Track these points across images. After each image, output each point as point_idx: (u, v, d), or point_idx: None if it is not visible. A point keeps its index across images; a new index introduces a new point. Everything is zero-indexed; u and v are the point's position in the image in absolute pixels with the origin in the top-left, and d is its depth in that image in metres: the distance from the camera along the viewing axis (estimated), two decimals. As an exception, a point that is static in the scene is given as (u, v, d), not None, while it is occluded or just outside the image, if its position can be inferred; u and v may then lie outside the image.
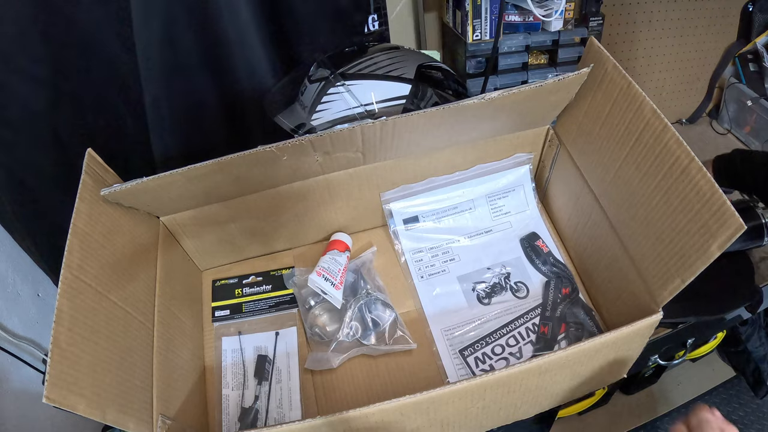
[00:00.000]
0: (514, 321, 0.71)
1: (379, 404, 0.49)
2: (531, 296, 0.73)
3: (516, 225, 0.80)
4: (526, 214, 0.80)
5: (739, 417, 1.30)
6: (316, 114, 0.69)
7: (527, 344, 0.69)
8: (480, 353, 0.69)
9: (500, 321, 0.71)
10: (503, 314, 0.72)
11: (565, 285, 0.72)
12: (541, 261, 0.75)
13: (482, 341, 0.70)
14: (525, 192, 0.80)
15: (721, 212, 0.45)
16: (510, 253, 0.77)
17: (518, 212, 0.80)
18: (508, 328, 0.71)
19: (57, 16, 0.64)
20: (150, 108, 0.74)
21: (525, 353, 0.68)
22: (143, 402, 0.53)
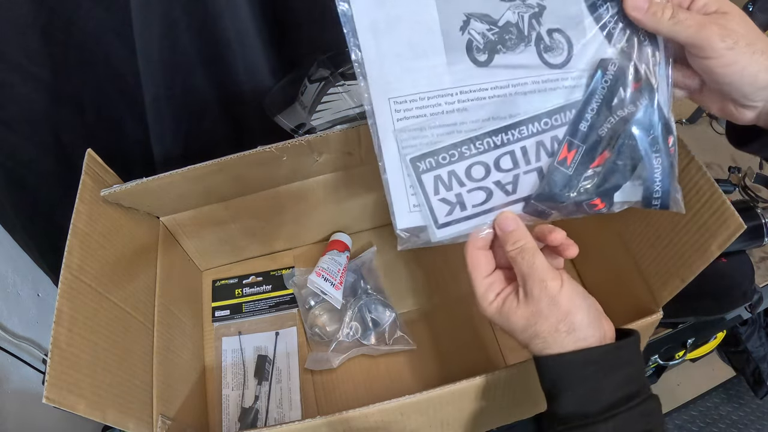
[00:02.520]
0: (522, 121, 0.39)
1: (379, 404, 0.49)
2: (572, 70, 0.38)
3: None
4: None
5: (739, 417, 1.30)
6: (316, 114, 0.69)
7: (529, 174, 0.40)
8: (445, 171, 0.40)
9: (497, 111, 0.39)
10: (508, 98, 0.39)
11: (635, 76, 0.38)
12: (611, 5, 0.38)
13: (454, 150, 0.40)
14: None
15: (721, 212, 0.45)
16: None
17: None
18: (509, 133, 0.39)
19: (57, 16, 0.64)
20: (150, 108, 0.73)
21: (521, 191, 0.41)
22: (143, 402, 0.53)
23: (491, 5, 0.38)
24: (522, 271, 0.39)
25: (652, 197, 0.40)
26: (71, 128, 0.75)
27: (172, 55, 0.70)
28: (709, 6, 0.36)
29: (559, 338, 0.38)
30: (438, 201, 0.41)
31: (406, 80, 0.39)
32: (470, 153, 0.40)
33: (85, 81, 0.72)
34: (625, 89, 0.38)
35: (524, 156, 0.40)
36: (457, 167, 0.40)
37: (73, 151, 0.73)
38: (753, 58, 0.34)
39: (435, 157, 0.40)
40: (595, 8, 0.37)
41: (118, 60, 0.70)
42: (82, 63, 0.70)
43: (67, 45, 0.67)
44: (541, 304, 0.39)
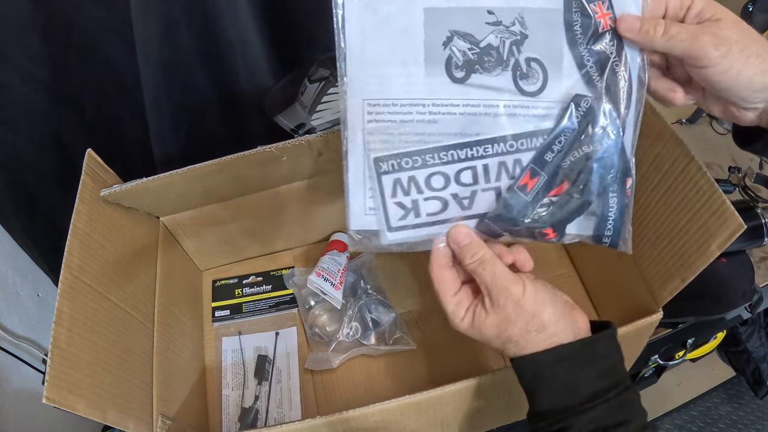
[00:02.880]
0: (490, 140, 0.40)
1: (379, 404, 0.49)
2: (543, 100, 0.40)
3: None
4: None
5: (739, 417, 1.30)
6: (316, 114, 0.69)
7: (487, 192, 0.41)
8: (405, 176, 0.41)
9: (465, 128, 0.40)
10: (478, 116, 0.40)
11: (605, 116, 0.39)
12: (589, 40, 0.39)
13: (418, 156, 0.40)
14: None
15: (721, 212, 0.45)
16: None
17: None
18: (474, 149, 0.40)
19: (57, 16, 0.64)
20: (150, 108, 0.73)
21: (477, 207, 0.41)
22: (143, 402, 0.53)
23: (476, 26, 0.39)
24: (484, 281, 0.40)
25: (603, 235, 0.42)
26: (71, 128, 0.75)
27: (172, 55, 0.70)
28: (704, 13, 0.36)
29: (530, 338, 0.39)
30: (394, 204, 0.41)
31: (383, 85, 0.40)
32: (433, 162, 0.40)
33: (85, 81, 0.72)
34: (594, 127, 0.39)
35: (485, 174, 0.40)
36: (418, 174, 0.41)
37: (73, 151, 0.73)
38: (748, 63, 0.35)
39: (398, 160, 0.41)
40: (576, 46, 0.39)
41: (118, 60, 0.70)
42: (82, 63, 0.70)
43: (67, 45, 0.67)
44: (507, 310, 0.39)
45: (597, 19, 0.38)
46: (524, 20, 0.39)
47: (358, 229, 0.42)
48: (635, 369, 1.05)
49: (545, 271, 0.76)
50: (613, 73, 0.39)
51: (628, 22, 0.37)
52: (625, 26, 0.37)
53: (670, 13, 0.37)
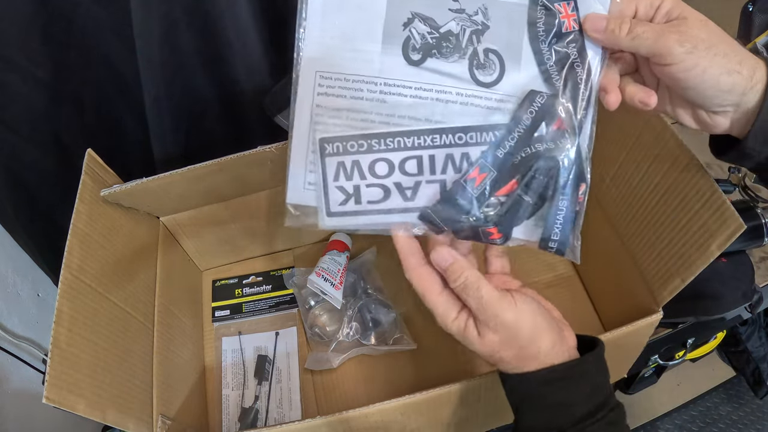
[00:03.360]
0: (438, 129, 0.39)
1: (379, 404, 0.49)
2: (497, 92, 0.39)
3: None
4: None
5: (739, 417, 1.30)
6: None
7: (432, 185, 0.39)
8: (350, 159, 0.39)
9: (414, 111, 0.39)
10: (429, 101, 0.39)
11: (561, 115, 0.38)
12: (551, 39, 0.38)
13: (364, 141, 0.39)
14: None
15: (721, 212, 0.45)
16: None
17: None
18: (422, 138, 0.39)
19: (57, 16, 0.64)
20: (150, 108, 0.73)
21: (420, 200, 0.40)
22: (143, 402, 0.53)
23: (439, 12, 0.39)
24: (472, 306, 0.38)
25: (549, 240, 0.40)
26: (71, 128, 0.76)
27: (172, 55, 0.70)
28: (671, 12, 0.36)
29: (523, 361, 0.39)
30: (335, 188, 0.40)
31: (338, 58, 0.39)
32: (379, 148, 0.39)
33: (85, 81, 0.72)
34: (548, 125, 0.38)
35: (431, 164, 0.39)
36: (362, 159, 0.39)
37: (73, 151, 0.73)
38: (714, 61, 0.34)
39: (344, 143, 0.39)
40: (537, 42, 0.38)
41: (118, 60, 0.70)
42: (82, 63, 0.70)
43: (67, 45, 0.67)
44: (500, 335, 0.38)
45: (561, 18, 0.38)
46: (488, 11, 0.39)
47: (296, 203, 0.41)
48: (635, 369, 1.05)
49: (545, 271, 0.76)
50: (572, 73, 0.38)
51: (593, 21, 0.37)
52: (591, 25, 0.37)
53: (641, 13, 0.37)
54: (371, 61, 0.39)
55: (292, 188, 0.41)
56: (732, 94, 0.35)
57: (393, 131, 0.39)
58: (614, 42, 0.37)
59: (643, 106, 0.38)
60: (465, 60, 0.39)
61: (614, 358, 0.58)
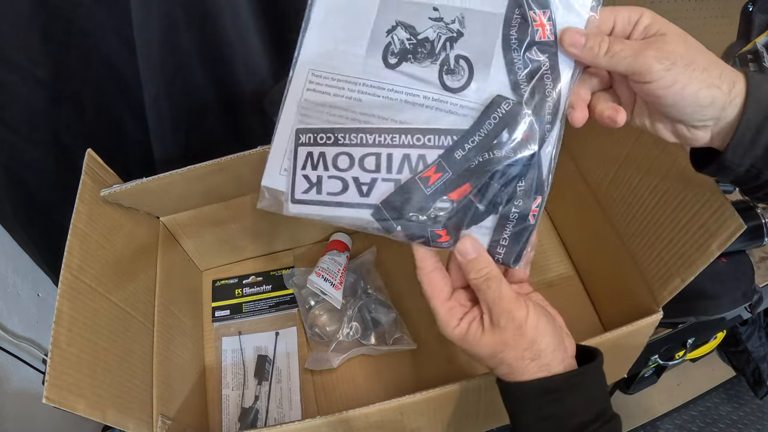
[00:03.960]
0: (399, 129, 0.40)
1: (379, 404, 0.49)
2: (464, 98, 0.40)
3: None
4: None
5: (739, 417, 1.30)
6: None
7: (387, 183, 0.40)
8: (317, 151, 0.42)
9: (382, 110, 0.41)
10: (398, 102, 0.41)
11: (524, 124, 0.38)
12: (524, 48, 0.38)
13: (331, 134, 0.41)
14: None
15: (721, 212, 0.45)
16: (487, 1, 0.40)
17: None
18: (382, 136, 0.40)
19: (57, 16, 0.64)
20: (150, 108, 0.74)
21: (374, 196, 0.40)
22: (143, 402, 0.53)
23: (419, 20, 0.41)
24: (487, 300, 0.39)
25: (495, 250, 0.40)
26: (71, 128, 0.76)
27: (172, 55, 0.70)
28: (650, 28, 0.35)
29: (524, 365, 0.38)
30: (301, 176, 0.42)
31: (329, 58, 0.42)
32: (343, 142, 0.41)
33: (85, 81, 0.72)
34: (510, 133, 0.38)
35: (388, 163, 0.40)
36: (327, 150, 0.41)
37: (73, 151, 0.73)
38: (693, 76, 0.34)
39: (315, 135, 0.42)
40: (509, 51, 0.38)
41: (118, 60, 0.70)
42: (82, 63, 0.70)
43: (67, 45, 0.67)
44: (506, 333, 0.38)
45: (535, 27, 0.38)
46: (464, 20, 0.40)
47: (269, 186, 0.43)
48: (635, 369, 1.05)
49: (545, 271, 0.76)
50: (541, 84, 0.38)
51: (571, 36, 0.36)
52: (569, 41, 0.36)
53: (618, 28, 0.36)
54: (356, 63, 0.42)
55: (268, 172, 0.43)
56: (711, 109, 0.35)
57: (358, 127, 0.41)
58: (592, 59, 0.36)
59: (612, 123, 0.38)
60: (436, 65, 0.40)
61: (614, 358, 0.58)
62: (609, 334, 0.52)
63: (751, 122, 0.34)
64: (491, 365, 0.40)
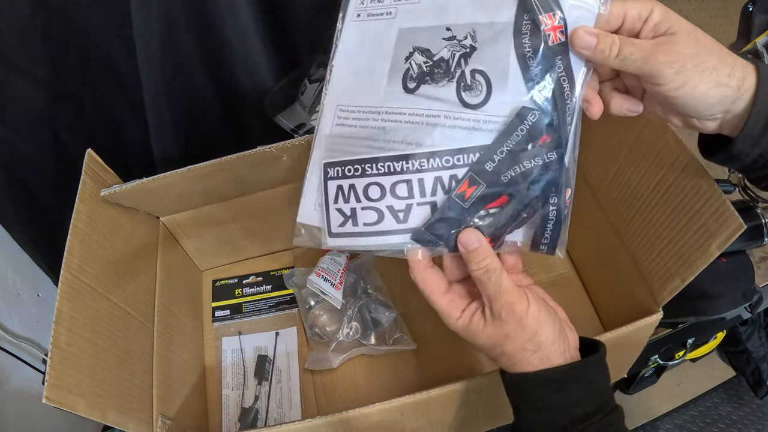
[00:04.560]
0: (424, 153, 0.39)
1: (379, 404, 0.49)
2: (486, 113, 0.39)
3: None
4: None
5: (739, 417, 1.30)
6: (316, 114, 0.69)
7: (423, 207, 0.40)
8: (347, 183, 0.42)
9: (407, 136, 0.40)
10: (420, 126, 0.40)
11: (549, 130, 0.38)
12: (538, 54, 0.38)
13: (359, 165, 0.41)
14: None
15: (721, 212, 0.45)
16: (495, 12, 0.39)
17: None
18: (410, 162, 0.40)
19: (57, 16, 0.64)
20: (150, 108, 0.73)
21: (412, 221, 0.40)
22: (143, 402, 0.53)
23: (434, 42, 0.41)
24: (488, 292, 0.39)
25: (540, 243, 0.41)
26: (71, 128, 0.75)
27: (172, 55, 0.70)
28: (660, 26, 0.36)
29: (525, 356, 0.39)
30: (335, 210, 0.43)
31: (354, 93, 0.43)
32: (371, 172, 0.41)
33: (85, 81, 0.72)
34: (537, 140, 0.38)
35: (420, 188, 0.40)
36: (357, 182, 0.41)
37: (73, 151, 0.73)
38: (702, 77, 0.34)
39: (342, 168, 0.42)
40: (524, 60, 0.38)
41: (118, 60, 0.70)
42: (82, 63, 0.70)
43: (67, 45, 0.67)
44: (508, 326, 0.39)
45: (546, 32, 0.37)
46: (476, 34, 0.39)
47: (304, 222, 0.44)
48: (635, 369, 1.05)
49: (545, 271, 0.76)
50: (559, 86, 0.38)
51: (582, 39, 0.36)
52: (580, 43, 0.36)
53: (627, 24, 0.37)
54: (377, 93, 0.42)
55: (302, 209, 0.44)
56: (721, 105, 0.36)
57: (383, 156, 0.41)
58: (603, 61, 0.37)
59: (632, 114, 0.39)
60: (453, 83, 0.40)
61: (614, 358, 0.58)
62: (609, 334, 0.52)
63: (760, 114, 0.35)
64: (493, 356, 0.41)
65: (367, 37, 0.43)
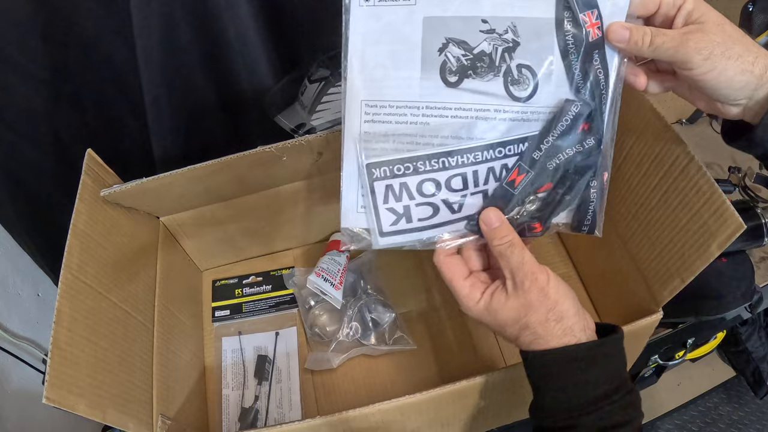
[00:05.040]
0: (481, 147, 0.41)
1: (379, 404, 0.49)
2: (533, 105, 0.41)
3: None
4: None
5: (739, 417, 1.30)
6: (316, 114, 0.69)
7: (476, 196, 0.42)
8: (398, 182, 0.42)
9: (457, 132, 0.41)
10: (469, 120, 0.41)
11: (588, 119, 0.40)
12: (579, 50, 0.39)
13: (409, 163, 0.41)
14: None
15: (721, 212, 0.45)
16: (534, 8, 0.40)
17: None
18: (465, 156, 0.41)
19: (57, 16, 0.64)
20: (150, 108, 0.73)
21: (466, 210, 0.42)
22: (143, 402, 0.53)
23: (471, 34, 0.41)
24: (511, 264, 0.41)
25: (582, 224, 0.44)
26: (71, 128, 0.75)
27: (172, 55, 0.70)
28: (693, 14, 0.39)
29: (549, 328, 0.40)
30: (385, 210, 0.43)
31: (380, 87, 0.42)
32: (424, 169, 0.42)
33: (85, 81, 0.72)
34: (578, 130, 0.41)
35: (474, 179, 0.42)
36: (409, 180, 0.42)
37: (73, 151, 0.73)
38: (728, 64, 0.37)
39: (390, 167, 0.42)
40: (566, 55, 0.40)
41: (118, 60, 0.70)
42: (82, 63, 0.70)
43: (67, 45, 0.67)
44: (531, 295, 0.40)
45: (587, 29, 0.39)
46: (517, 29, 0.40)
47: (350, 227, 0.44)
48: (635, 369, 1.05)
49: (545, 271, 0.76)
50: (596, 79, 0.41)
51: (617, 33, 0.39)
52: (615, 37, 0.39)
53: (663, 9, 0.39)
54: (412, 87, 0.41)
55: (344, 213, 0.44)
56: (744, 91, 0.38)
57: (437, 152, 0.41)
58: (636, 51, 0.40)
59: (665, 91, 0.44)
60: (500, 78, 0.41)
61: (614, 358, 0.58)
62: (609, 334, 0.52)
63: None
64: (515, 332, 0.41)
65: (382, 25, 0.41)
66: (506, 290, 0.41)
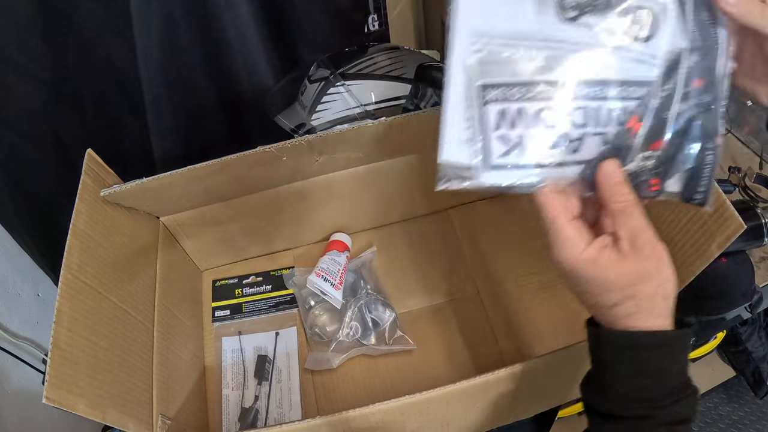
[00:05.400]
0: (603, 82, 0.39)
1: (379, 404, 0.49)
2: (651, 48, 0.39)
3: None
4: None
5: (739, 417, 1.30)
6: (316, 114, 0.69)
7: (596, 137, 0.39)
8: (514, 107, 0.39)
9: (576, 67, 0.39)
10: (587, 58, 0.39)
11: (703, 73, 0.39)
12: (693, 4, 0.40)
13: (530, 87, 0.39)
14: None
15: (721, 212, 0.45)
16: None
17: None
18: (587, 90, 0.39)
19: (57, 16, 0.64)
20: (150, 108, 0.74)
21: (584, 153, 0.39)
22: (143, 402, 0.53)
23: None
24: (631, 226, 0.36)
25: (695, 192, 0.41)
26: (71, 128, 0.76)
27: (172, 55, 0.70)
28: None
29: (654, 303, 0.37)
30: (497, 138, 0.39)
31: (491, 17, 0.39)
32: (543, 95, 0.38)
33: (85, 81, 0.72)
34: (692, 83, 0.39)
35: (596, 116, 0.39)
36: (528, 106, 0.38)
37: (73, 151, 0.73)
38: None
39: (508, 89, 0.38)
40: (682, 5, 0.38)
41: (118, 60, 0.70)
42: (82, 63, 0.70)
43: (67, 45, 0.67)
44: (649, 263, 0.36)
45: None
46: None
47: (450, 160, 0.39)
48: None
49: (545, 271, 0.75)
50: (710, 33, 0.39)
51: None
52: (725, 1, 0.36)
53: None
54: (526, 20, 0.39)
55: (447, 145, 0.39)
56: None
57: (558, 80, 0.38)
58: (745, 19, 0.36)
59: None
60: (619, 15, 0.39)
61: (614, 358, 0.58)
62: (609, 334, 0.52)
63: None
64: (616, 299, 0.37)
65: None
66: (621, 250, 0.36)
